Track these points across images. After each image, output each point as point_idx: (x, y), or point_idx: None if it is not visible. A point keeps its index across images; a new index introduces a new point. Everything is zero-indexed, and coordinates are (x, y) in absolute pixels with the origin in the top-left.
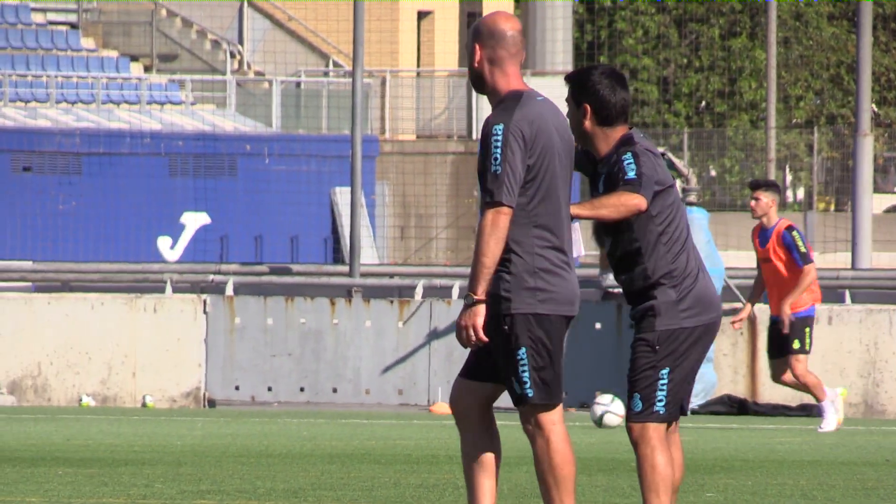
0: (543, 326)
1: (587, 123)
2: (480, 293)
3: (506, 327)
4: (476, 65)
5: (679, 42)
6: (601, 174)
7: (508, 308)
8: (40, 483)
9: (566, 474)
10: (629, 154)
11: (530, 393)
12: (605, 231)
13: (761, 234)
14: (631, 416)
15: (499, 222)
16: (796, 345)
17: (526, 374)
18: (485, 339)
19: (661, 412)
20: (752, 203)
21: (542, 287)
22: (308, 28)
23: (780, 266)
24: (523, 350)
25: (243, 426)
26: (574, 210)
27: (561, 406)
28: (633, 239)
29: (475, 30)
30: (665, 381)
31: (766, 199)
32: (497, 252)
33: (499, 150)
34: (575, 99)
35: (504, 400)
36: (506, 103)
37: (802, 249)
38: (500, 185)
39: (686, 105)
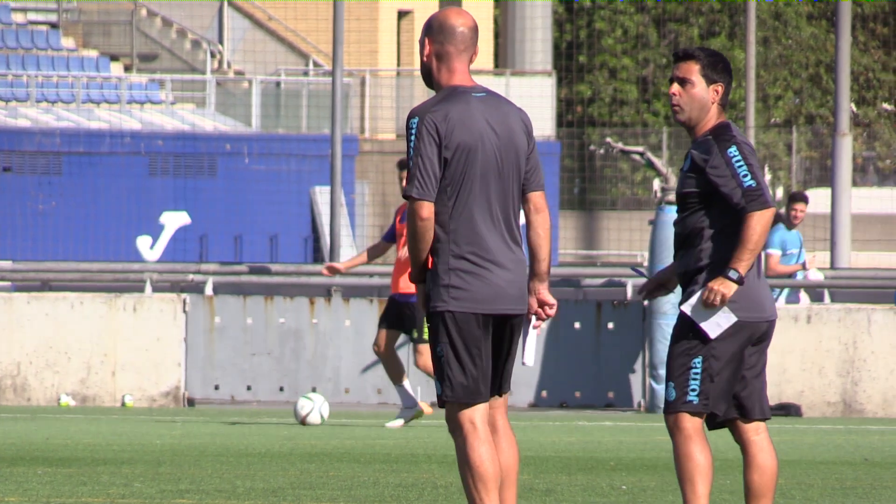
0: (457, 324)
1: (716, 103)
2: (415, 277)
3: (428, 325)
4: (425, 59)
5: (658, 42)
6: (688, 156)
7: (431, 306)
8: (19, 482)
9: (484, 473)
10: (735, 149)
11: (445, 391)
12: (679, 201)
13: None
14: (666, 406)
15: (412, 215)
16: (421, 334)
17: (442, 371)
18: None
19: (695, 402)
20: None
21: (457, 285)
22: (288, 28)
23: None
24: (439, 348)
25: (223, 426)
26: (739, 269)
27: (483, 406)
28: (702, 218)
29: (427, 24)
30: (698, 371)
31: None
32: (414, 242)
33: (412, 144)
34: (705, 76)
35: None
36: (433, 98)
37: None
38: (411, 177)
39: (665, 105)
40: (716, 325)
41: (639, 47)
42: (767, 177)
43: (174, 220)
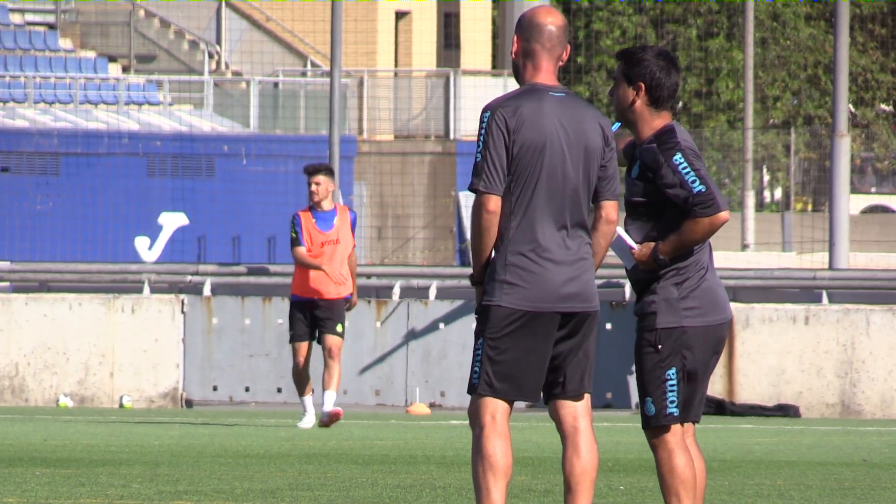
0: (503, 319)
1: (638, 103)
2: (476, 276)
3: (476, 318)
4: (513, 56)
5: (657, 42)
6: (636, 159)
7: (485, 300)
8: (18, 483)
9: (495, 463)
10: (680, 156)
11: (478, 383)
12: (627, 207)
13: None
14: (646, 421)
15: (478, 208)
16: (339, 328)
17: (478, 364)
18: None
19: (675, 414)
20: None
21: (511, 281)
22: (286, 28)
23: None
24: (480, 341)
25: (221, 426)
26: (662, 249)
27: (504, 403)
28: (651, 227)
29: (518, 21)
30: (674, 382)
31: None
32: (478, 236)
33: (482, 137)
34: (626, 75)
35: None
36: (509, 92)
37: None
38: (478, 171)
39: None
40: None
41: None
42: (766, 177)
43: (172, 221)
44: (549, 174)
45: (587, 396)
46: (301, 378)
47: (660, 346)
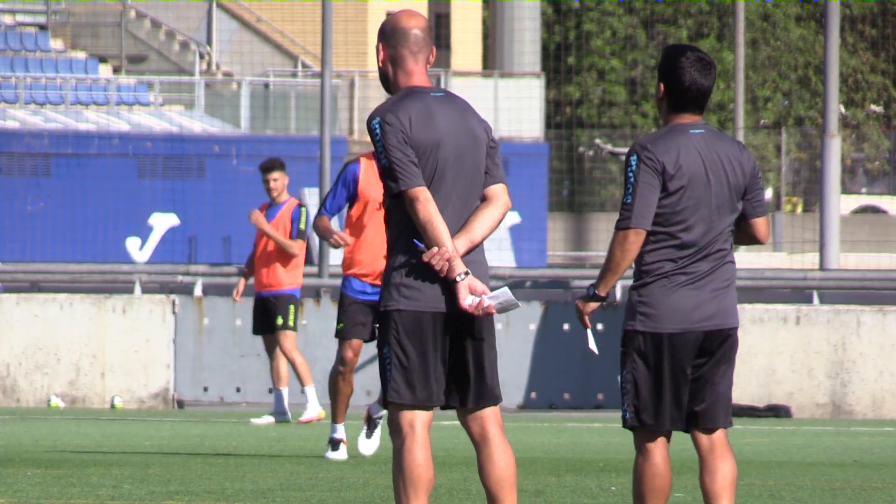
0: (404, 324)
1: (663, 100)
2: (454, 275)
3: (376, 325)
4: (380, 64)
5: (647, 43)
6: None
7: (382, 306)
8: (9, 484)
9: (416, 478)
10: (635, 160)
11: (389, 393)
12: None
13: None
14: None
15: (411, 204)
16: (280, 321)
17: (388, 372)
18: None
19: (627, 417)
20: None
21: (408, 284)
22: (276, 29)
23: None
24: (385, 349)
25: (212, 427)
26: (597, 286)
27: (425, 410)
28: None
29: (380, 29)
30: (629, 385)
31: None
32: (431, 232)
33: (380, 144)
34: (659, 71)
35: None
36: (391, 98)
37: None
38: (392, 174)
39: (654, 106)
40: (590, 340)
41: (627, 49)
42: None
43: (163, 222)
44: (445, 172)
45: (497, 406)
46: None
47: (622, 348)
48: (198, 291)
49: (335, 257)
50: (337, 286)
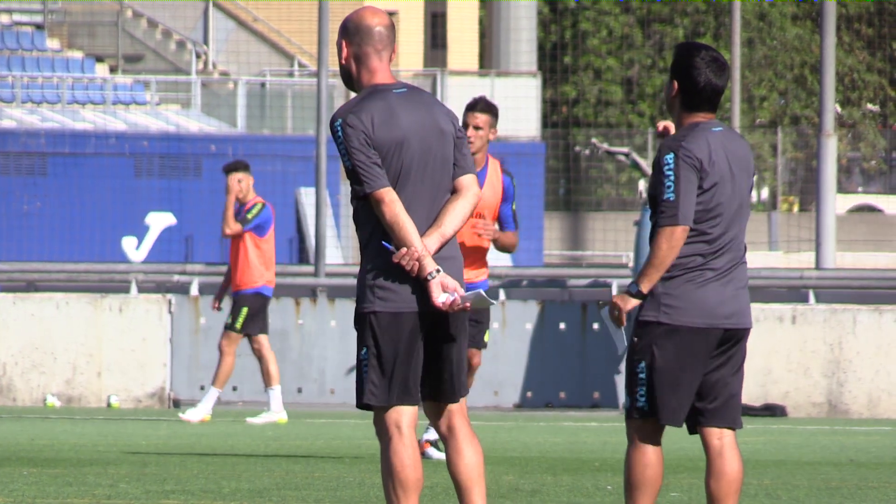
0: (382, 326)
1: (675, 99)
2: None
3: (355, 326)
4: (343, 62)
5: (643, 42)
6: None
7: (357, 308)
8: (5, 483)
9: (405, 479)
10: (672, 157)
11: (364, 394)
12: (650, 201)
13: None
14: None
15: (378, 207)
16: (228, 320)
17: (366, 373)
18: None
19: (642, 409)
20: None
21: (381, 285)
22: (273, 28)
23: None
24: (364, 351)
25: (208, 426)
26: (640, 284)
27: (409, 410)
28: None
29: (342, 26)
30: (643, 377)
31: None
32: (399, 233)
33: (342, 147)
34: (671, 69)
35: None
36: (353, 98)
37: None
38: (356, 177)
39: (650, 105)
40: (623, 338)
41: (624, 48)
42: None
43: (159, 221)
44: (413, 170)
45: (463, 400)
46: None
47: (635, 339)
48: (194, 291)
49: (332, 257)
50: (334, 285)
